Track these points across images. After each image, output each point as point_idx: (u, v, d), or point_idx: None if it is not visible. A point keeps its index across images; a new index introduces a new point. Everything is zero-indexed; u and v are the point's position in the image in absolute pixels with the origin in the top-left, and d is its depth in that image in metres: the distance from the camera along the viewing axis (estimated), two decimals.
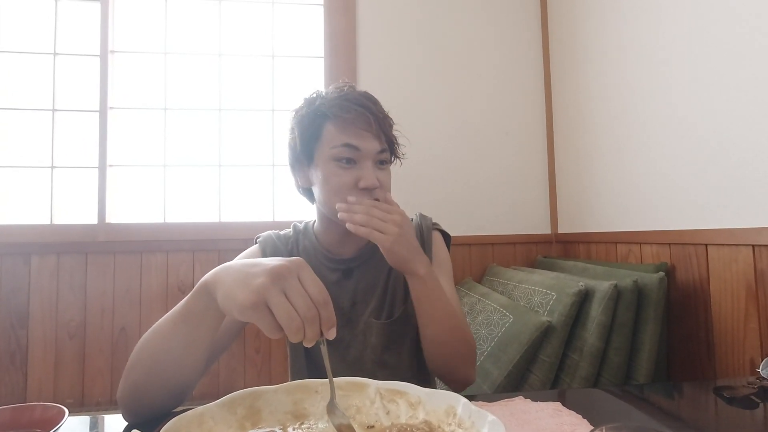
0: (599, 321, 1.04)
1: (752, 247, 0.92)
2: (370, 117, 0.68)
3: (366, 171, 0.68)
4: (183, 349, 0.50)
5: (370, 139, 0.68)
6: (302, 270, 0.43)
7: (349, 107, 0.68)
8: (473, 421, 0.43)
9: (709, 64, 1.02)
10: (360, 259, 0.76)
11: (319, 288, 0.43)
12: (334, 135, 0.68)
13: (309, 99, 0.73)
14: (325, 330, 0.43)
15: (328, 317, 0.43)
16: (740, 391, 0.62)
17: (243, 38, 1.70)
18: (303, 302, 0.41)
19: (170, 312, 0.52)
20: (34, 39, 1.58)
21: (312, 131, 0.70)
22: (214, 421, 0.45)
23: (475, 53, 1.75)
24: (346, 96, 0.70)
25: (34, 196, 1.56)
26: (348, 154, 0.68)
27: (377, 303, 0.74)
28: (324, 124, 0.69)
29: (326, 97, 0.70)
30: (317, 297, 0.42)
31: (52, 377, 1.46)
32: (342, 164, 0.68)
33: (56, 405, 0.44)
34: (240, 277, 0.43)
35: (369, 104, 0.69)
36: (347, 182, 0.68)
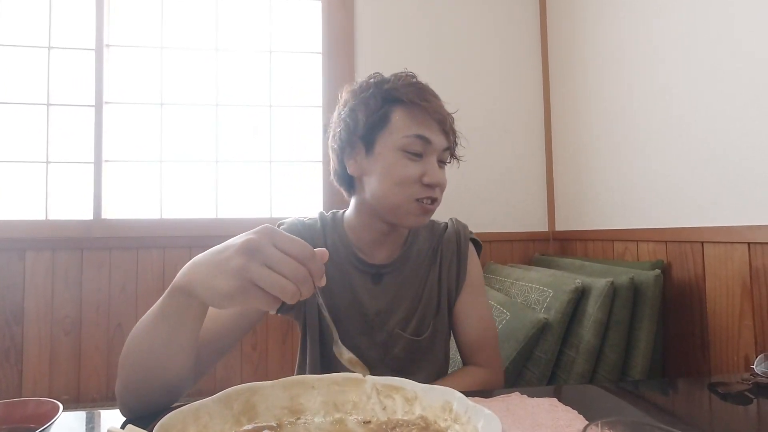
0: (596, 318, 1.04)
1: (748, 244, 0.92)
2: (443, 110, 0.65)
3: (432, 166, 0.65)
4: (166, 348, 0.49)
5: (440, 134, 0.65)
6: (274, 235, 0.40)
7: (426, 95, 0.64)
8: (469, 416, 0.43)
9: (706, 63, 1.03)
10: (392, 266, 0.71)
11: (299, 245, 0.40)
12: (407, 123, 0.64)
13: (373, 80, 0.67)
14: (317, 281, 0.42)
15: (317, 269, 0.41)
16: (734, 387, 0.62)
17: (240, 33, 1.69)
18: (288, 265, 0.39)
19: (150, 311, 0.50)
20: (28, 32, 1.56)
21: (379, 116, 0.64)
22: (210, 416, 0.45)
23: (474, 51, 1.74)
24: (417, 84, 0.66)
25: (29, 191, 1.54)
26: (419, 147, 0.64)
27: (405, 315, 0.70)
28: (394, 109, 0.64)
29: (395, 81, 0.65)
30: (300, 254, 0.40)
31: (47, 374, 1.46)
32: (410, 156, 0.64)
33: (50, 400, 0.44)
34: (213, 266, 0.41)
35: (438, 98, 0.66)
36: (413, 175, 0.64)
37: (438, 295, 0.73)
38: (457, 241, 0.75)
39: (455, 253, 0.74)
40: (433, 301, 0.73)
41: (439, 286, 0.73)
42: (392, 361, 0.70)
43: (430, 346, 0.72)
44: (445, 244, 0.75)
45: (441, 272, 0.73)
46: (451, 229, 0.76)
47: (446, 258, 0.74)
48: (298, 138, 1.70)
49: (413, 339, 0.70)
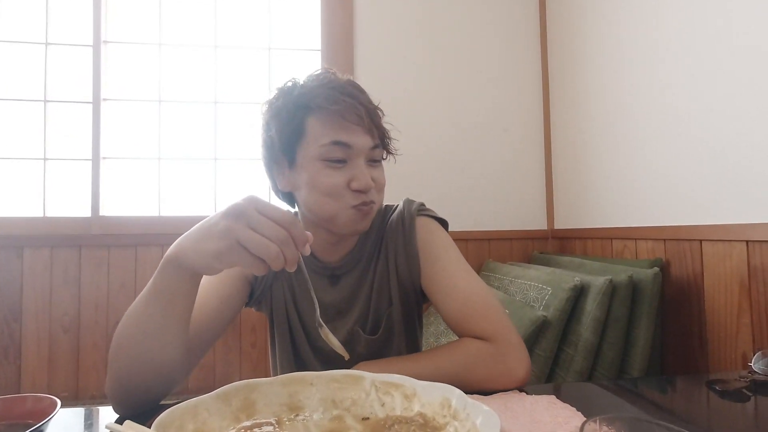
0: (594, 316, 1.05)
1: (746, 242, 0.92)
2: (360, 108, 0.59)
3: (359, 171, 0.60)
4: (160, 328, 0.49)
5: (362, 134, 0.60)
6: (257, 202, 0.43)
7: (335, 97, 0.59)
8: (468, 413, 0.43)
9: (705, 62, 1.03)
10: (346, 267, 0.69)
11: (281, 211, 0.43)
12: (321, 131, 0.59)
13: (284, 88, 0.63)
14: (300, 247, 0.43)
15: (299, 234, 0.43)
16: (732, 384, 0.62)
17: (239, 30, 1.68)
18: (271, 228, 0.42)
19: (140, 295, 0.50)
20: (25, 28, 1.55)
21: (293, 127, 0.60)
22: (209, 413, 0.45)
23: (474, 49, 1.74)
24: (329, 84, 0.60)
25: (27, 188, 1.54)
26: (338, 154, 0.59)
27: (361, 312, 0.69)
28: (306, 118, 0.60)
29: (306, 86, 0.61)
30: (282, 219, 0.42)
31: (46, 371, 1.46)
32: (331, 164, 0.59)
33: (48, 396, 0.44)
34: (202, 233, 0.45)
35: (357, 93, 0.61)
36: (339, 183, 0.60)
37: (389, 286, 0.69)
38: (401, 222, 0.69)
39: (401, 234, 0.68)
40: (384, 293, 0.69)
41: (388, 275, 0.69)
42: (358, 359, 0.68)
43: (387, 341, 0.70)
44: (388, 232, 0.70)
45: (388, 261, 0.69)
46: (397, 212, 0.71)
47: (391, 244, 0.69)
48: None
49: (370, 338, 0.69)
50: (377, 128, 0.62)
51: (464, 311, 0.63)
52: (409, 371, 0.53)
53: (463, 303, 0.63)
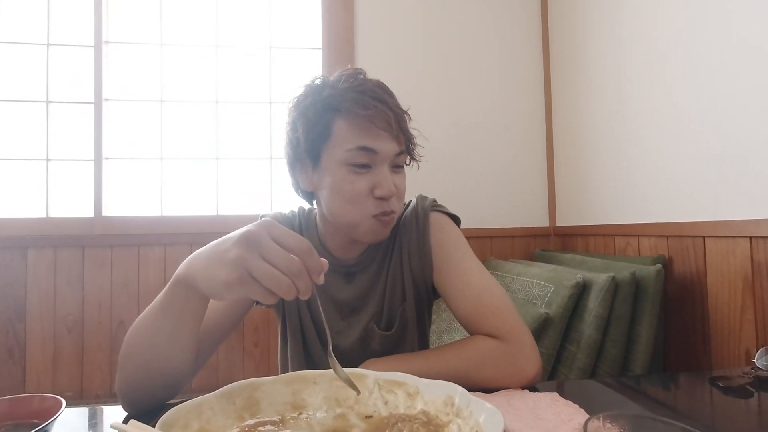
0: (597, 313, 1.04)
1: (749, 238, 0.92)
2: (390, 114, 0.58)
3: (383, 177, 0.59)
4: (168, 341, 0.49)
5: (389, 140, 0.59)
6: (272, 228, 0.40)
7: (365, 102, 0.58)
8: (471, 410, 0.43)
9: (707, 59, 1.02)
10: (362, 264, 0.70)
11: (296, 238, 0.40)
12: (348, 135, 0.59)
13: (314, 87, 0.62)
14: (314, 278, 0.41)
15: (314, 264, 0.40)
16: (735, 381, 0.62)
17: (240, 29, 1.68)
18: (283, 259, 0.39)
19: (151, 305, 0.50)
20: (27, 29, 1.56)
21: (320, 128, 0.60)
22: (213, 412, 0.46)
23: (475, 47, 1.73)
24: (360, 87, 0.59)
25: (30, 189, 1.54)
26: (363, 159, 0.59)
27: (376, 309, 0.69)
28: (334, 120, 0.59)
29: (336, 87, 0.60)
30: (296, 248, 0.40)
31: (50, 371, 1.47)
32: (356, 169, 0.59)
33: (53, 396, 0.44)
34: (213, 257, 0.42)
35: (386, 98, 0.60)
36: (362, 190, 0.59)
37: (402, 282, 0.69)
38: (415, 218, 0.69)
39: (414, 230, 0.69)
40: (397, 289, 0.69)
41: (402, 271, 0.69)
42: (372, 355, 0.69)
43: (401, 337, 0.70)
44: (401, 228, 0.70)
45: (402, 257, 0.69)
46: (410, 208, 0.71)
47: (405, 240, 0.69)
48: None
49: (384, 334, 0.69)
50: (404, 133, 0.61)
51: (477, 309, 0.63)
52: (419, 369, 0.53)
53: (475, 301, 0.63)
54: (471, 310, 0.64)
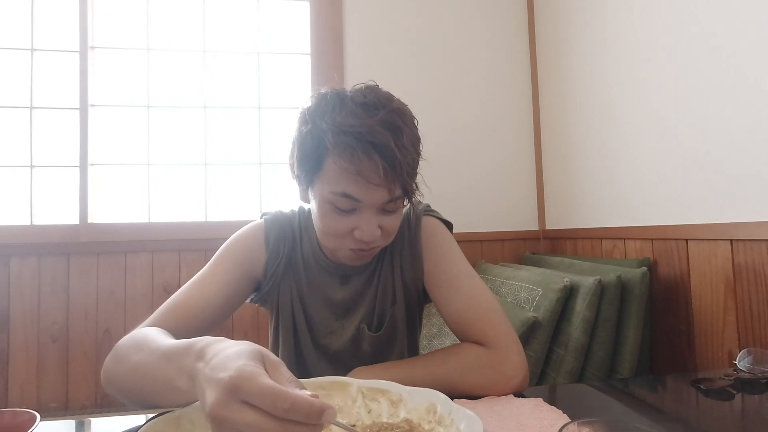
0: (584, 316, 1.05)
1: (730, 241, 0.94)
2: (380, 166, 0.53)
3: (365, 222, 0.57)
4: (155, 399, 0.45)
5: (377, 190, 0.56)
6: (243, 387, 0.31)
7: (353, 150, 0.53)
8: (453, 418, 0.43)
9: (690, 64, 1.04)
10: (357, 268, 0.70)
11: (272, 395, 0.31)
12: (335, 178, 0.56)
13: (317, 108, 0.58)
14: (314, 420, 0.31)
15: (306, 413, 0.30)
16: (717, 383, 0.63)
17: (228, 34, 1.68)
18: (260, 430, 0.31)
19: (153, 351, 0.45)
20: (10, 34, 1.54)
21: (313, 162, 0.58)
22: (192, 424, 0.45)
23: (463, 51, 1.75)
24: (356, 129, 0.53)
25: (13, 196, 1.52)
26: (347, 205, 0.57)
27: (368, 310, 0.70)
28: (326, 157, 0.56)
29: (334, 120, 0.55)
30: (274, 408, 0.30)
31: (34, 381, 1.43)
32: (339, 210, 0.58)
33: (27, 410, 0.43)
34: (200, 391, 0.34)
35: (386, 143, 0.53)
36: (342, 229, 0.59)
37: (393, 285, 0.70)
38: (407, 221, 0.70)
39: (407, 234, 0.69)
40: (388, 292, 0.70)
41: (392, 274, 0.70)
42: (363, 356, 0.70)
43: (390, 339, 0.71)
44: None
45: (393, 260, 0.70)
46: (405, 211, 0.71)
47: (397, 243, 0.69)
48: (287, 140, 1.69)
49: (374, 335, 0.69)
50: (403, 181, 0.57)
51: (465, 314, 0.64)
52: (405, 377, 0.53)
53: (464, 305, 0.64)
54: (460, 315, 0.64)
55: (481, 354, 0.60)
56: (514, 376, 0.59)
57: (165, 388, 0.42)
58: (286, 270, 0.70)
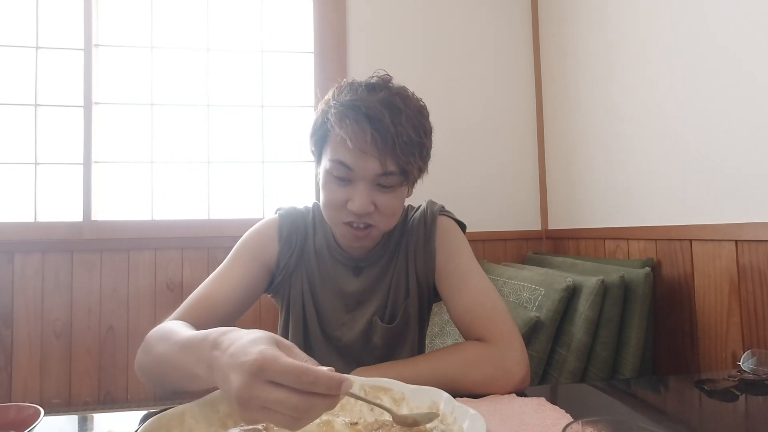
0: (586, 316, 1.05)
1: (735, 242, 0.93)
2: (369, 135, 0.57)
3: (357, 193, 0.60)
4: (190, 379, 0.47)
5: (368, 160, 0.59)
6: (268, 367, 0.34)
7: (346, 120, 0.58)
8: (455, 416, 0.43)
9: (694, 63, 1.03)
10: (370, 260, 0.72)
11: (296, 372, 0.33)
12: (333, 147, 0.61)
13: (332, 94, 0.64)
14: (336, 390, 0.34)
15: (327, 385, 0.34)
16: (721, 384, 0.63)
17: (231, 32, 1.68)
18: (286, 405, 0.34)
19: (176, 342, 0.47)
20: (15, 32, 1.54)
21: (321, 133, 0.64)
22: (195, 420, 0.45)
23: (467, 50, 1.74)
24: (355, 102, 0.59)
25: (18, 193, 1.52)
26: (341, 173, 0.61)
27: (381, 303, 0.72)
28: (329, 130, 0.62)
29: (341, 99, 0.61)
30: (299, 383, 0.33)
31: (38, 377, 1.44)
32: (336, 180, 0.61)
33: (32, 405, 0.43)
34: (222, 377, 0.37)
35: (380, 116, 0.57)
36: (338, 200, 0.62)
37: (406, 280, 0.72)
38: (423, 220, 0.72)
39: (422, 232, 0.72)
40: (402, 286, 0.72)
41: (407, 270, 0.72)
42: (373, 349, 0.71)
43: (402, 331, 0.72)
44: (410, 229, 0.73)
45: (408, 256, 0.72)
46: (419, 211, 0.75)
47: (412, 241, 0.72)
48: (290, 138, 1.69)
49: (387, 326, 0.71)
50: (397, 157, 0.59)
51: (471, 310, 0.65)
52: (407, 376, 0.53)
53: (470, 302, 0.66)
54: (465, 311, 0.66)
55: (483, 350, 0.61)
56: (516, 373, 0.59)
57: (186, 375, 0.45)
58: (298, 262, 0.72)
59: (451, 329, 1.30)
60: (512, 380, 0.59)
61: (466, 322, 0.65)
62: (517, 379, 0.59)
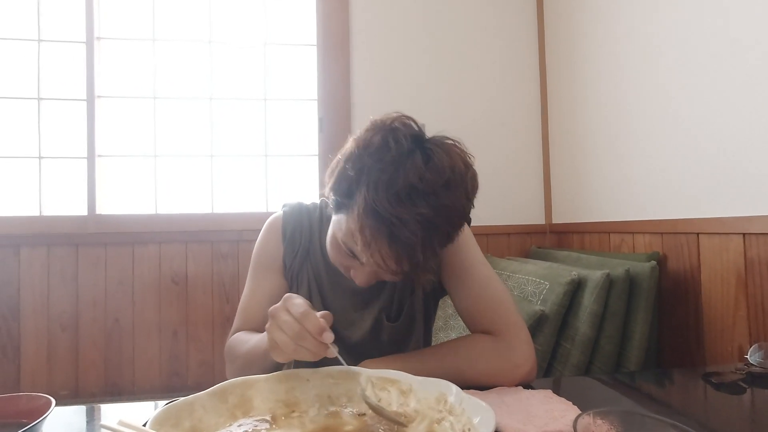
0: (591, 310, 1.05)
1: (743, 235, 0.92)
2: (394, 263, 0.51)
3: (363, 274, 0.58)
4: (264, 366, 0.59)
5: (384, 274, 0.55)
6: (287, 301, 0.50)
7: (375, 233, 0.49)
8: (464, 407, 0.43)
9: (701, 56, 1.02)
10: None
11: (297, 307, 0.49)
12: (349, 233, 0.54)
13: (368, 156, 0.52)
14: (317, 337, 0.48)
15: (311, 326, 0.48)
16: (728, 377, 0.63)
17: (234, 25, 1.67)
18: (288, 326, 0.48)
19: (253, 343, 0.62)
20: (17, 25, 1.54)
21: (342, 205, 0.56)
22: (205, 410, 0.45)
23: (472, 44, 1.73)
24: (388, 210, 0.48)
25: (22, 187, 1.53)
26: (349, 261, 0.58)
27: (386, 301, 0.72)
28: (352, 211, 0.52)
29: (374, 189, 0.49)
30: (297, 314, 0.48)
31: (45, 369, 1.46)
32: (344, 251, 0.58)
33: (43, 395, 0.43)
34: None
35: (412, 240, 0.49)
36: (341, 264, 0.61)
37: (411, 281, 0.71)
38: None
39: None
40: (407, 282, 0.71)
41: None
42: (381, 347, 0.71)
43: (408, 329, 0.72)
44: None
45: None
46: None
47: None
48: (294, 132, 1.69)
49: (392, 325, 0.71)
50: (410, 272, 0.53)
51: (477, 303, 0.65)
52: (414, 368, 0.54)
53: (477, 294, 0.66)
54: (472, 304, 0.66)
55: (490, 343, 0.61)
56: (522, 365, 0.59)
57: (262, 354, 0.57)
58: (304, 262, 0.72)
59: (455, 323, 1.30)
60: (519, 373, 0.59)
61: (473, 315, 0.65)
62: (524, 371, 0.59)
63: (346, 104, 1.64)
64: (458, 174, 0.53)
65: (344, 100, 1.64)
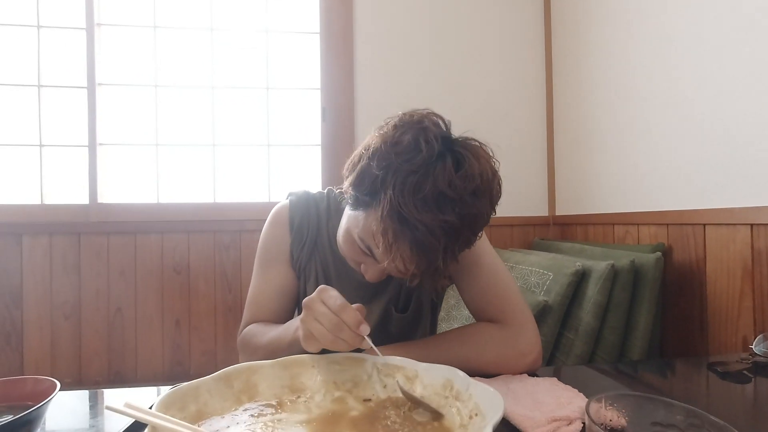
0: (595, 300, 1.04)
1: (750, 226, 0.91)
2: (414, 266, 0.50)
3: (375, 270, 0.57)
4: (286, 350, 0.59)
5: (400, 272, 0.54)
6: (322, 293, 0.51)
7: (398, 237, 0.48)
8: (471, 393, 0.43)
9: (709, 46, 1.00)
10: None
11: (334, 299, 0.49)
12: (368, 230, 0.53)
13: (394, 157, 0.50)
14: (354, 330, 0.49)
15: (349, 318, 0.48)
16: (733, 366, 0.63)
17: (236, 12, 1.64)
18: (325, 318, 0.49)
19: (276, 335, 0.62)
20: (16, 11, 1.51)
21: (362, 202, 0.54)
22: (210, 394, 0.45)
23: (476, 32, 1.70)
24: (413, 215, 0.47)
25: (24, 175, 1.52)
26: (363, 258, 0.58)
27: (394, 292, 0.71)
28: (373, 209, 0.52)
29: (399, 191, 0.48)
30: (335, 307, 0.49)
31: (48, 357, 1.47)
32: (358, 247, 0.57)
33: (48, 378, 0.43)
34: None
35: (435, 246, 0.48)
36: (353, 258, 0.60)
37: None
38: None
39: None
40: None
41: None
42: (389, 337, 0.71)
43: (415, 319, 0.73)
44: None
45: None
46: None
47: None
48: (296, 121, 1.67)
49: (401, 315, 0.71)
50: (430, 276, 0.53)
51: (485, 292, 0.65)
52: (420, 355, 0.53)
53: (484, 284, 0.65)
54: (478, 293, 0.66)
55: (496, 331, 0.61)
56: (528, 353, 0.59)
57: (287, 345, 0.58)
58: (312, 253, 0.71)
59: (457, 313, 1.30)
60: (525, 361, 0.59)
61: (480, 304, 0.65)
62: (530, 359, 0.59)
63: (350, 94, 1.62)
64: (486, 181, 0.53)
65: (348, 89, 1.62)
